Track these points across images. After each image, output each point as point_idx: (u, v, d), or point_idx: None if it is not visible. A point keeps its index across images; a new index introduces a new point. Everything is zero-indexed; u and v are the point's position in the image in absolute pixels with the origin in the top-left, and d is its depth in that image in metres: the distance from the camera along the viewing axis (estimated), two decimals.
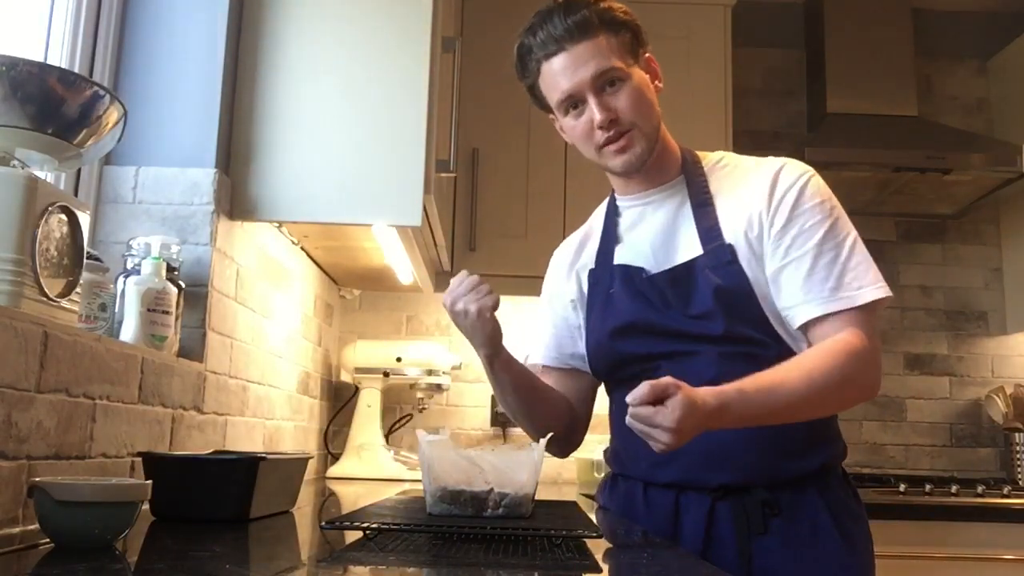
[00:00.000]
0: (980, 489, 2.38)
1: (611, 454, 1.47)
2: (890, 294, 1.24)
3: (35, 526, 0.91)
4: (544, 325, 1.53)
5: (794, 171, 1.30)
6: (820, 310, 1.22)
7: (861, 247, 1.26)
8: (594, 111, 1.26)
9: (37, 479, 0.86)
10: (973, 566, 2.27)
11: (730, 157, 1.39)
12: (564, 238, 2.76)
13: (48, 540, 0.88)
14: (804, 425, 1.25)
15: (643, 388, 1.05)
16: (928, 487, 2.37)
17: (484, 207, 2.63)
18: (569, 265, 1.49)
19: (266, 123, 1.72)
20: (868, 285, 1.22)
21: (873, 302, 1.22)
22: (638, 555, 1.04)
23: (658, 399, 1.04)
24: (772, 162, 1.33)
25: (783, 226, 1.26)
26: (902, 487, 2.36)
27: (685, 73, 2.60)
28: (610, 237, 1.41)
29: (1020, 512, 2.31)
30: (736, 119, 2.65)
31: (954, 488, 2.36)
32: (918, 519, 2.29)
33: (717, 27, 2.73)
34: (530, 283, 2.64)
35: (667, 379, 1.05)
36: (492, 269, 2.62)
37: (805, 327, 1.24)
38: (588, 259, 1.44)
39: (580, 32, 1.25)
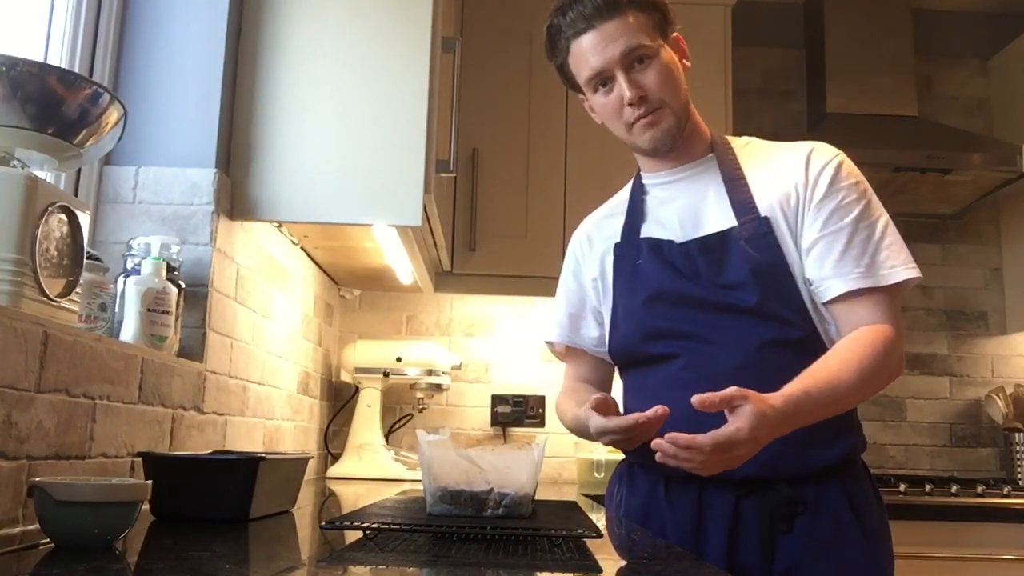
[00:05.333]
0: (980, 489, 2.38)
1: None
2: (920, 275, 1.26)
3: (35, 526, 0.91)
4: (560, 304, 1.52)
5: (828, 151, 1.33)
6: (852, 285, 1.24)
7: (893, 229, 1.28)
8: (624, 88, 1.28)
9: (37, 479, 0.86)
10: (973, 566, 2.27)
11: (757, 140, 1.41)
12: (564, 238, 2.77)
13: (48, 540, 0.88)
14: None
15: (710, 397, 1.05)
16: (928, 487, 2.37)
17: (484, 207, 2.63)
18: (591, 243, 1.48)
19: (266, 123, 1.72)
20: (900, 265, 1.25)
21: (903, 282, 1.25)
22: (638, 555, 1.04)
23: (726, 407, 1.06)
24: (803, 143, 1.35)
25: (821, 199, 1.27)
26: (902, 487, 2.36)
27: (685, 73, 2.60)
28: (636, 214, 1.42)
29: (1020, 512, 2.31)
30: (736, 119, 2.65)
31: (954, 488, 2.36)
32: (918, 519, 2.29)
33: (717, 27, 2.73)
34: (530, 283, 2.66)
35: (732, 389, 1.06)
36: (492, 269, 2.63)
37: (833, 300, 1.25)
38: (612, 236, 1.44)
39: (609, 10, 1.27)
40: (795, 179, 1.30)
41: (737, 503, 1.26)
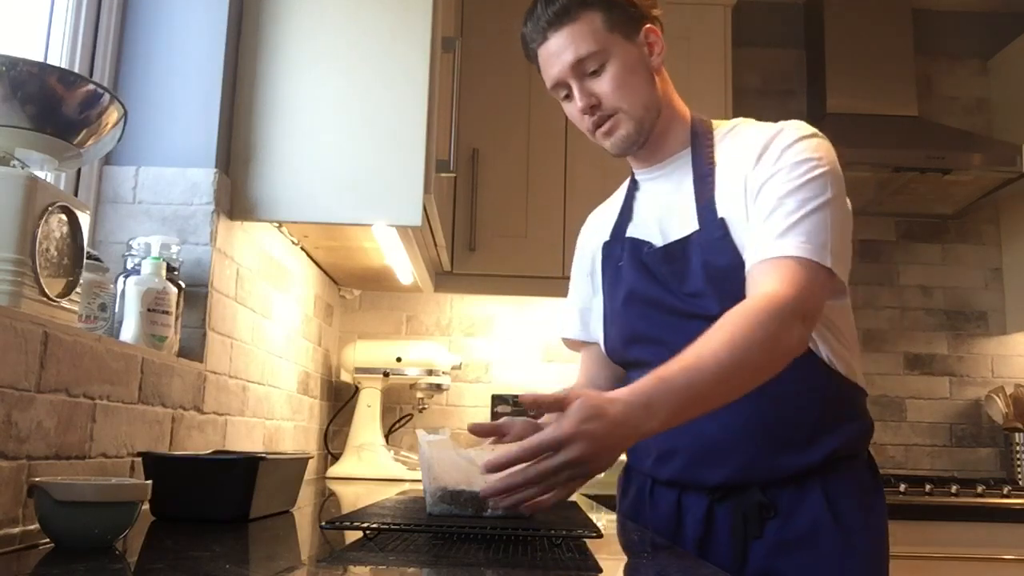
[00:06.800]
0: (980, 489, 2.38)
1: None
2: (830, 267, 1.12)
3: (35, 526, 0.91)
4: (570, 299, 1.51)
5: (792, 131, 1.22)
6: (759, 256, 1.14)
7: (833, 218, 1.15)
8: (576, 98, 1.27)
9: (37, 479, 0.86)
10: (973, 566, 2.27)
11: (744, 125, 1.32)
12: (564, 238, 2.75)
13: (48, 540, 0.88)
14: (809, 411, 1.20)
15: (540, 396, 0.99)
16: (928, 487, 2.37)
17: (484, 207, 2.63)
18: (590, 239, 1.47)
19: (266, 123, 1.72)
20: (816, 245, 1.12)
21: (817, 266, 1.11)
22: (638, 555, 1.04)
23: (558, 409, 0.98)
24: (777, 124, 1.26)
25: (763, 182, 1.19)
26: (902, 487, 2.36)
27: (685, 73, 2.60)
28: (626, 211, 1.40)
29: (1020, 512, 2.31)
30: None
31: (954, 488, 2.36)
32: (918, 519, 2.29)
33: (717, 27, 2.73)
34: (530, 283, 2.66)
35: (565, 390, 1.00)
36: (492, 269, 2.63)
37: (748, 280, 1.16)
38: (605, 233, 1.42)
39: (559, 19, 1.25)
40: (747, 170, 1.22)
41: (711, 507, 1.25)
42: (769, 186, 1.18)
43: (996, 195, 2.91)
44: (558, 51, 1.26)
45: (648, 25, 1.29)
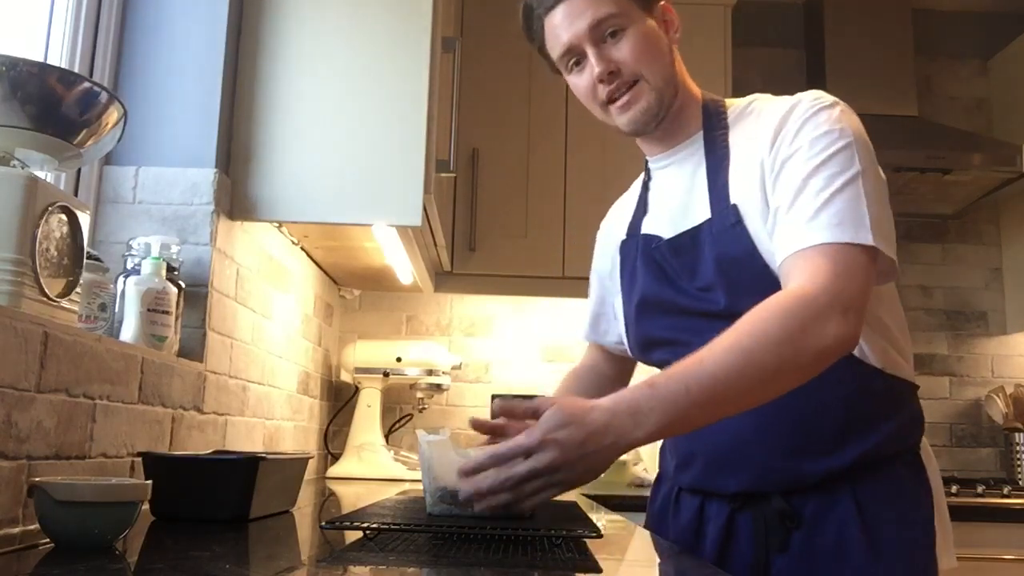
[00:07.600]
0: (980, 489, 2.38)
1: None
2: (876, 244, 1.03)
3: (35, 526, 0.91)
4: (589, 300, 1.46)
5: (809, 103, 1.13)
6: (789, 248, 1.04)
7: (866, 189, 1.05)
8: (593, 64, 1.17)
9: (37, 479, 0.86)
10: (973, 566, 2.27)
11: (760, 101, 1.21)
12: (564, 238, 2.73)
13: (48, 540, 0.88)
14: (834, 411, 1.11)
15: (512, 404, 0.98)
16: None
17: (484, 207, 2.63)
18: (607, 237, 1.41)
19: (266, 123, 1.72)
20: (851, 225, 1.02)
21: (856, 249, 1.01)
22: (639, 556, 1.04)
23: (530, 417, 0.96)
24: (792, 98, 1.16)
25: (783, 164, 1.10)
26: None
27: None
28: (641, 204, 1.32)
29: (1020, 512, 2.31)
30: None
31: (954, 488, 2.36)
32: None
33: (717, 27, 2.73)
34: (530, 283, 2.66)
35: (540, 399, 0.97)
36: (492, 269, 2.63)
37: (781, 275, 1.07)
38: (621, 230, 1.34)
39: None
40: (763, 151, 1.13)
41: (732, 516, 1.18)
42: (790, 167, 1.09)
43: (996, 195, 2.91)
44: (573, 14, 1.17)
45: (663, 2, 1.24)
